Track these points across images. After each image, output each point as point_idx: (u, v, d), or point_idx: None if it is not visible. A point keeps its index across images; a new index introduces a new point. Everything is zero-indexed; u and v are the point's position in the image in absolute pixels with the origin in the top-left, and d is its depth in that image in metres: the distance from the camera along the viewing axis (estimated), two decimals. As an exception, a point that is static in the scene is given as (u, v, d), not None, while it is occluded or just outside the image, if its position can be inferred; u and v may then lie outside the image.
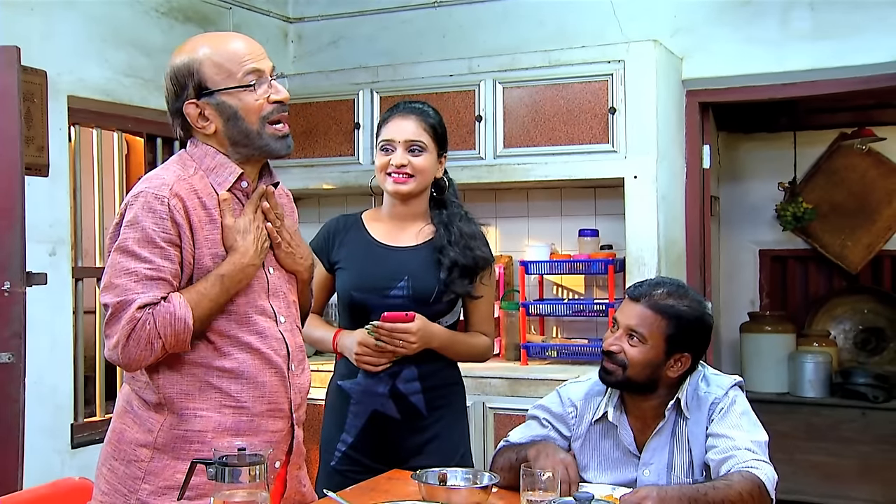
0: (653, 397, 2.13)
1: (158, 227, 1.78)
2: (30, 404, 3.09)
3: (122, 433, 1.88)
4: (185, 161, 1.91)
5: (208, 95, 1.86)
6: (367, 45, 4.69)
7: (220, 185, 1.88)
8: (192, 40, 1.93)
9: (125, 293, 1.75)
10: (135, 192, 1.83)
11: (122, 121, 4.20)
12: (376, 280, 2.44)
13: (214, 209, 1.86)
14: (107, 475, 1.87)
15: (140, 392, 1.87)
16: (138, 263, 1.76)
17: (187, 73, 1.86)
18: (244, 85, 1.85)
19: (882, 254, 5.63)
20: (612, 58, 3.88)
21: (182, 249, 1.81)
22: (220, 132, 1.88)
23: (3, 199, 3.03)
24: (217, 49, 1.87)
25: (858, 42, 3.90)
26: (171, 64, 1.90)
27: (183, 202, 1.82)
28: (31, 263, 3.15)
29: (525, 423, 2.29)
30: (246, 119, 1.87)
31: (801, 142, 5.69)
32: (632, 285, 2.18)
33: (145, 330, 1.74)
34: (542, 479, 1.87)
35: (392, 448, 2.46)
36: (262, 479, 1.51)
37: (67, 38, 3.77)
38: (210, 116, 1.87)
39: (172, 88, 1.89)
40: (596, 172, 3.92)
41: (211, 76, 1.85)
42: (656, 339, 2.08)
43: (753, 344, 5.48)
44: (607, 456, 2.18)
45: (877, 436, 4.94)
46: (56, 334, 3.72)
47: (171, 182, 1.83)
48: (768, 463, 2.00)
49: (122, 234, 1.80)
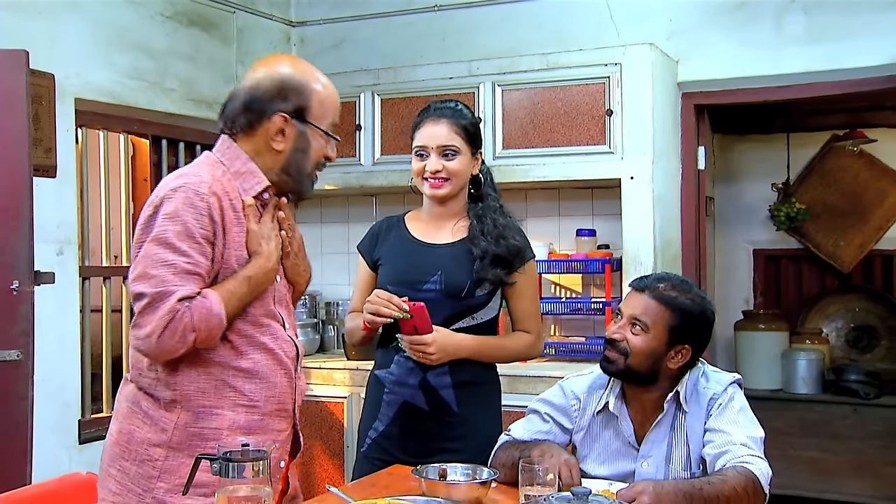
0: (653, 389, 2.13)
1: (198, 223, 1.78)
2: (38, 401, 3.09)
3: (130, 434, 1.86)
4: (214, 163, 1.91)
5: (300, 121, 1.89)
6: (369, 49, 4.68)
7: (246, 191, 1.89)
8: (306, 65, 1.96)
9: (163, 284, 1.74)
10: (173, 187, 1.81)
11: (127, 123, 4.20)
12: (411, 275, 2.46)
13: (241, 212, 1.87)
14: (117, 476, 1.86)
15: (151, 390, 1.86)
16: (177, 256, 1.76)
17: (298, 91, 1.89)
18: (328, 132, 1.93)
19: (873, 253, 5.63)
20: (609, 61, 3.88)
21: (214, 247, 1.82)
22: (284, 154, 1.91)
23: (12, 199, 3.03)
24: (328, 90, 1.94)
25: (850, 46, 3.90)
26: (282, 71, 1.91)
27: (219, 201, 1.82)
28: (39, 263, 3.15)
29: (526, 418, 2.28)
30: (309, 158, 1.92)
31: (794, 143, 5.69)
32: (636, 278, 2.19)
33: (182, 322, 1.74)
34: (541, 475, 1.86)
35: (420, 440, 2.44)
36: (265, 474, 1.50)
37: (74, 41, 3.77)
38: (287, 137, 1.90)
39: (272, 90, 1.89)
40: (593, 173, 3.92)
41: (314, 108, 1.91)
42: (659, 329, 2.08)
43: (748, 341, 5.48)
44: (607, 447, 2.18)
45: (868, 432, 4.94)
46: (63, 332, 3.71)
47: (209, 181, 1.83)
48: (763, 458, 2.00)
49: (159, 226, 1.78)
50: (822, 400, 5.17)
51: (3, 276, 3.00)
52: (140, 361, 1.89)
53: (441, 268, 2.44)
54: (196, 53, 4.38)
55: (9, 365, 3.00)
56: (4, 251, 3.01)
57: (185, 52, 4.32)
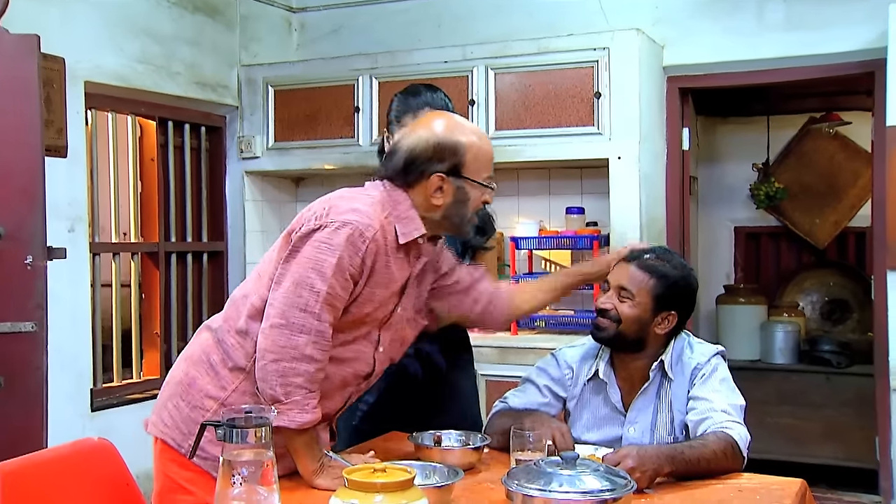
0: (641, 357, 2.15)
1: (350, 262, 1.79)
2: (52, 371, 3.10)
3: (194, 380, 1.89)
4: (385, 203, 1.90)
5: (456, 177, 1.89)
6: (367, 34, 4.65)
7: (404, 236, 1.89)
8: (461, 122, 1.97)
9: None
10: (342, 220, 1.80)
11: (135, 105, 4.17)
12: None
13: (392, 256, 1.87)
14: (172, 411, 1.90)
15: (229, 349, 1.87)
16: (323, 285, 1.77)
17: (453, 151, 1.89)
18: (484, 184, 1.93)
19: (847, 230, 5.64)
20: (597, 45, 3.86)
21: (356, 285, 1.83)
22: (443, 207, 1.91)
23: (26, 178, 3.02)
24: (482, 145, 1.93)
25: (827, 33, 3.90)
26: (438, 134, 1.90)
27: (377, 246, 1.83)
28: (52, 239, 3.14)
29: (521, 387, 2.28)
30: (467, 208, 1.93)
31: (773, 126, 5.68)
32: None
33: (286, 382, 1.77)
34: (531, 441, 1.87)
35: (413, 407, 2.46)
36: (267, 439, 1.50)
37: (84, 26, 3.74)
38: (446, 193, 1.90)
39: (431, 152, 1.89)
40: (582, 154, 3.91)
41: (469, 164, 1.90)
42: (644, 296, 2.10)
43: (728, 315, 5.50)
44: (596, 413, 2.19)
45: (840, 400, 4.97)
46: (76, 306, 3.71)
47: (377, 225, 1.83)
48: (742, 425, 2.01)
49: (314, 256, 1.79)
50: (797, 369, 5.20)
51: (18, 252, 3.00)
52: (233, 319, 1.90)
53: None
54: (201, 38, 4.35)
55: (24, 336, 3.00)
56: (19, 228, 3.00)
57: (190, 38, 4.28)
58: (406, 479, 1.50)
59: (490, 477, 1.92)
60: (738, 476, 1.94)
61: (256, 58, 4.65)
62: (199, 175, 4.62)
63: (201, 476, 1.84)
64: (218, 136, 4.67)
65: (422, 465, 1.83)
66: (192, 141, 4.55)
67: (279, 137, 4.50)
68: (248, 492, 1.48)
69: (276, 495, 1.52)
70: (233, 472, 1.48)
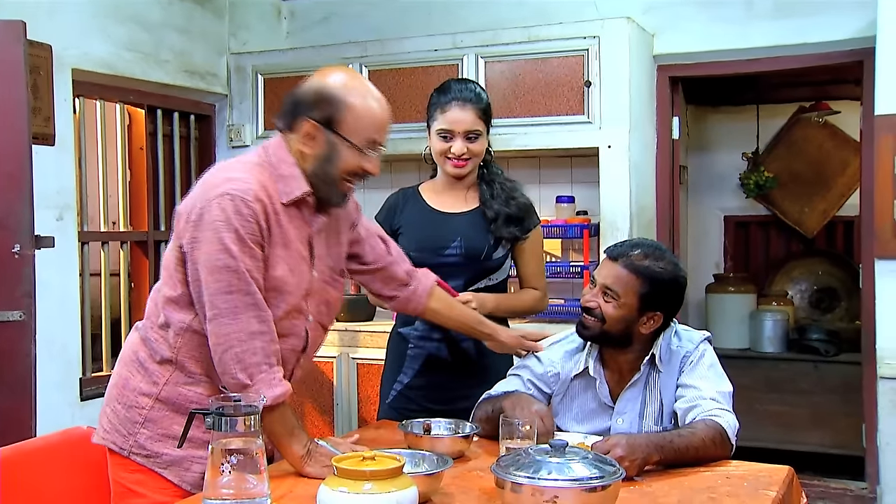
0: (629, 351, 2.13)
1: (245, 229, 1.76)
2: (41, 360, 3.09)
3: (127, 380, 1.88)
4: (264, 164, 1.87)
5: (329, 130, 1.84)
6: (357, 22, 4.62)
7: (286, 195, 1.84)
8: (350, 76, 1.90)
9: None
10: (220, 192, 1.76)
11: (123, 93, 4.14)
12: (433, 241, 2.52)
13: (282, 214, 1.83)
14: (109, 415, 1.89)
15: (153, 344, 1.86)
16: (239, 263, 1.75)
17: (329, 102, 1.83)
18: (359, 147, 1.85)
19: (836, 219, 5.67)
20: (587, 34, 3.85)
21: (264, 249, 1.80)
22: (311, 158, 1.86)
23: (13, 166, 3.00)
24: (372, 108, 1.86)
25: (816, 21, 3.90)
26: (322, 81, 1.86)
27: (263, 206, 1.79)
28: (40, 228, 3.12)
29: (507, 380, 2.27)
30: (336, 167, 1.86)
31: (763, 115, 5.70)
32: (612, 245, 2.15)
33: (246, 365, 1.76)
34: (520, 429, 1.87)
35: (443, 389, 2.51)
36: (256, 427, 1.50)
37: (71, 13, 3.71)
38: (316, 144, 1.85)
39: (311, 97, 1.85)
40: (572, 142, 3.91)
41: (345, 121, 1.83)
42: (629, 298, 2.06)
43: (718, 303, 5.51)
44: (584, 408, 2.18)
45: (828, 387, 5.01)
46: (65, 295, 3.69)
47: (256, 187, 1.79)
48: (730, 412, 2.02)
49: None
50: (786, 358, 5.22)
51: (6, 240, 2.98)
52: (153, 315, 1.89)
53: (460, 234, 2.52)
54: (189, 26, 4.32)
55: (13, 325, 2.99)
56: (6, 216, 2.99)
57: (179, 25, 4.25)
58: (395, 466, 1.50)
59: (479, 465, 1.92)
60: (727, 463, 1.95)
61: (246, 46, 4.62)
62: (189, 164, 4.60)
63: (149, 476, 1.84)
64: (207, 125, 4.64)
65: (411, 453, 1.83)
66: (181, 129, 4.53)
67: (269, 126, 4.48)
68: (238, 480, 1.48)
69: (266, 484, 1.52)
70: (222, 460, 1.48)
